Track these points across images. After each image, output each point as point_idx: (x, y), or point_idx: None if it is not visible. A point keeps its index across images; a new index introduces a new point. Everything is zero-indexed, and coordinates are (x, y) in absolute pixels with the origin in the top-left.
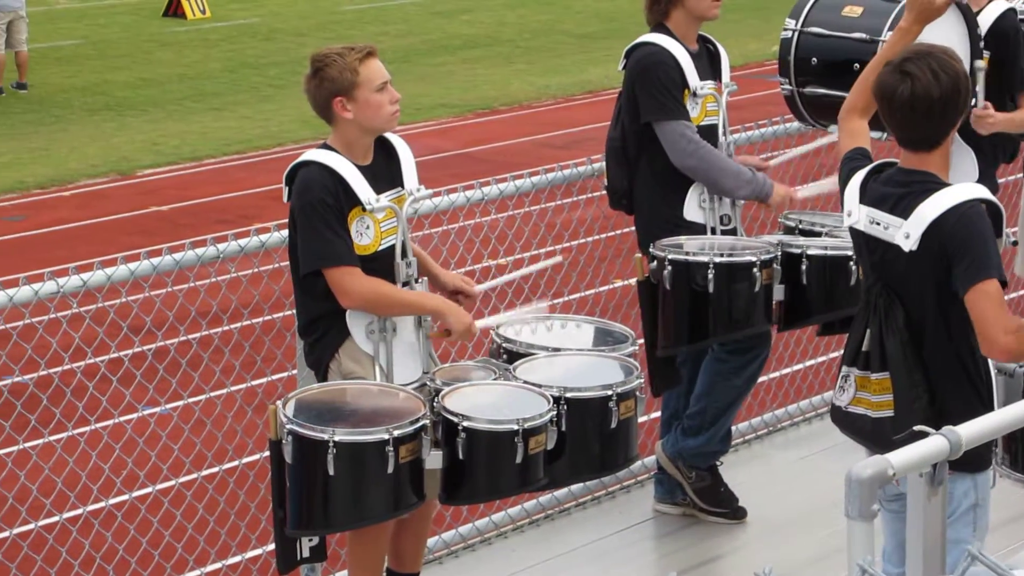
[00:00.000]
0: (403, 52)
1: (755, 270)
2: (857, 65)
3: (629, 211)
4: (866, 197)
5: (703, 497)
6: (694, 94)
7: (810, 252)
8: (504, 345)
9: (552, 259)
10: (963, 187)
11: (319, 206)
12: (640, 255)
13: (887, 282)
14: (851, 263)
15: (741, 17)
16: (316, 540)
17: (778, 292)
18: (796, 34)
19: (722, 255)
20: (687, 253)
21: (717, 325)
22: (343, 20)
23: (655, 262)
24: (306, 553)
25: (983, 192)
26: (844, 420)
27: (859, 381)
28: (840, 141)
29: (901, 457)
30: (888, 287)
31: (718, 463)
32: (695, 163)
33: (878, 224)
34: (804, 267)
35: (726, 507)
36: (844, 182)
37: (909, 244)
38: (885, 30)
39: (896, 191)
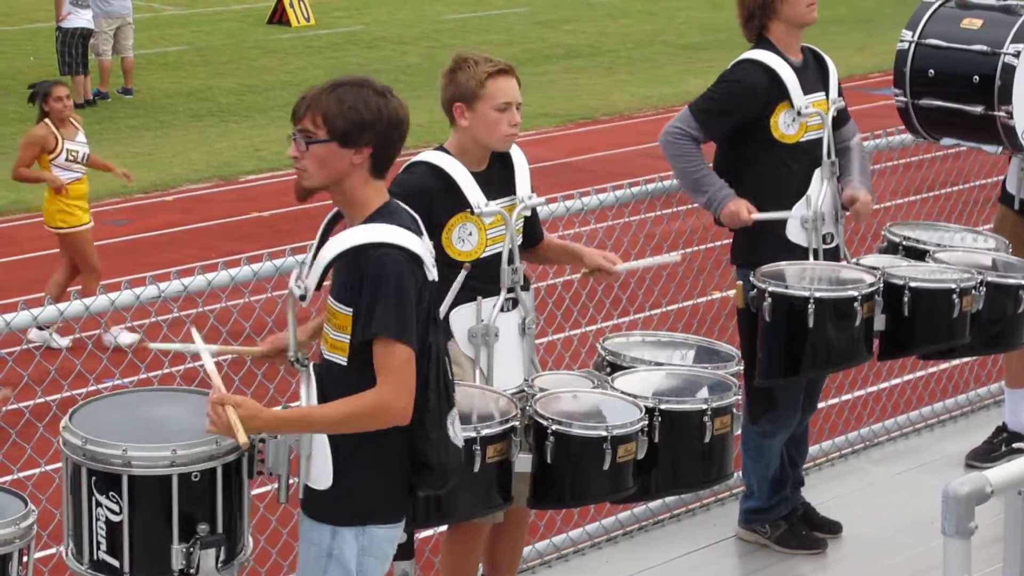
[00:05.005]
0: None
1: (856, 304)
2: (977, 77)
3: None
4: None
5: (783, 543)
6: (798, 112)
7: (912, 285)
8: (608, 358)
9: (672, 256)
10: None
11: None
12: (740, 283)
13: None
14: (954, 295)
15: (844, 30)
16: (404, 538)
17: (879, 322)
18: (913, 45)
19: (823, 290)
20: (788, 286)
21: (815, 360)
22: (446, 29)
23: (754, 291)
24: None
25: None
26: None
27: None
28: None
29: (1000, 474)
30: None
31: (795, 510)
32: (669, 151)
33: None
34: (906, 299)
35: (808, 548)
36: None
37: None
38: (1007, 42)
39: None
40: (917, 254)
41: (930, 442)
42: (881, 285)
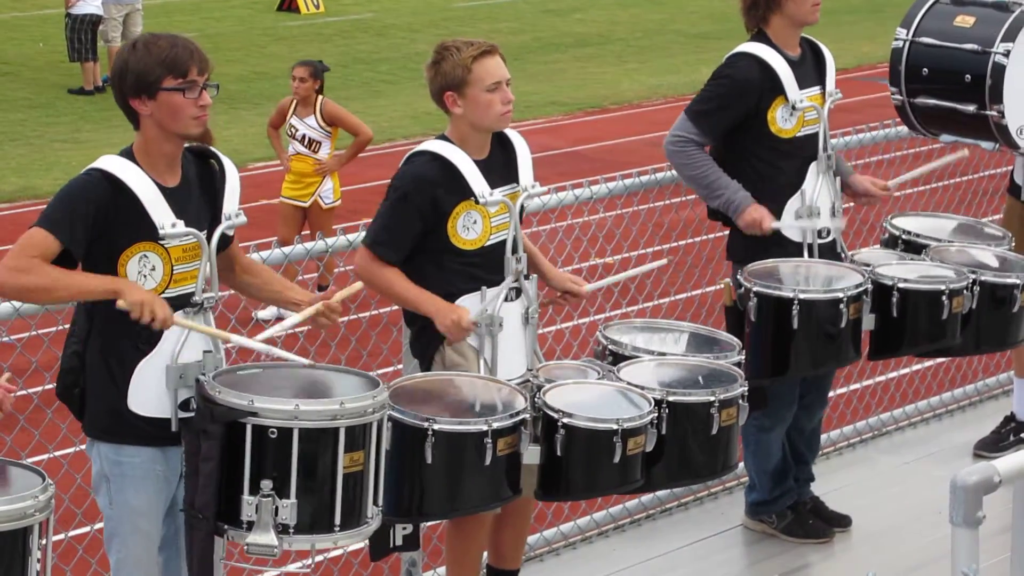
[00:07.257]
0: (515, 50)
1: (842, 306)
2: (968, 76)
3: (726, 222)
4: None
5: (791, 533)
6: (793, 107)
7: (901, 286)
8: (610, 347)
9: (659, 261)
10: None
11: (400, 197)
12: (728, 281)
13: None
14: (944, 297)
15: (856, 19)
16: (410, 529)
17: (868, 322)
18: (907, 44)
19: (808, 291)
20: (773, 287)
21: (801, 360)
22: (455, 17)
23: (742, 289)
24: (399, 541)
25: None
26: None
27: None
28: None
29: (1008, 464)
30: None
31: (802, 500)
32: (675, 160)
33: None
34: (895, 300)
35: (815, 537)
36: None
37: None
38: (998, 41)
39: None
40: (916, 249)
41: (938, 432)
42: (869, 285)
